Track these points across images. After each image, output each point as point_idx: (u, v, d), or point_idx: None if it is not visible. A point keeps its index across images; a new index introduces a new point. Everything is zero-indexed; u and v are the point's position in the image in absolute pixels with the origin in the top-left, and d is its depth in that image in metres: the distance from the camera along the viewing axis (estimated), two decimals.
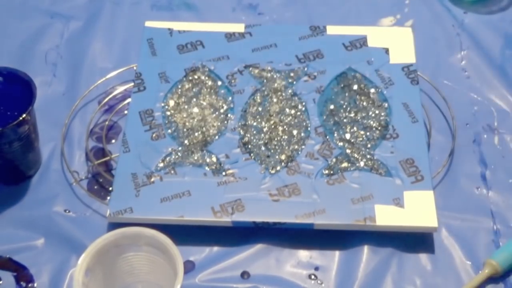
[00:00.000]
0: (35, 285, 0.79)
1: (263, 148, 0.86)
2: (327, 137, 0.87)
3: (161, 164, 0.84)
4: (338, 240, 0.81)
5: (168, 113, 0.89)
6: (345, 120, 0.88)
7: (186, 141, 0.86)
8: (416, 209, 0.80)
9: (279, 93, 0.91)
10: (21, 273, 0.79)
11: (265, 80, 0.92)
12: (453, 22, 1.03)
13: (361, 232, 0.81)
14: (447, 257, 0.80)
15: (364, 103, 0.90)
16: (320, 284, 0.78)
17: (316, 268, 0.80)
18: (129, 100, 0.92)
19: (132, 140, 0.86)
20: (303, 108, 0.89)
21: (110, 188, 0.84)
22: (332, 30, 0.97)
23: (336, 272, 0.79)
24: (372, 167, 0.84)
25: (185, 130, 0.87)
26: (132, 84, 0.93)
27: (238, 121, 0.88)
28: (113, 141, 0.91)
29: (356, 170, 0.84)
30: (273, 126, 0.88)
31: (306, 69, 0.93)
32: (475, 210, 0.84)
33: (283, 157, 0.85)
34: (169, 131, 0.87)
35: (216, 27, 0.98)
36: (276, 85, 0.92)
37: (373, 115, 0.88)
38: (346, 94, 0.91)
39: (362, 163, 0.84)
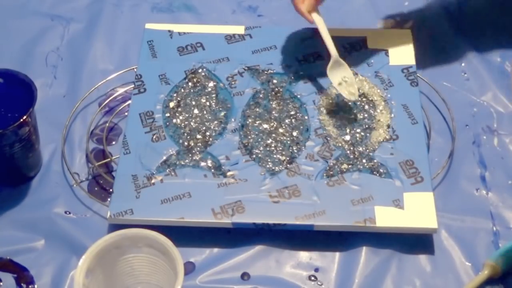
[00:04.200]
0: (36, 286, 0.79)
1: (263, 149, 0.86)
2: (327, 138, 0.87)
3: (162, 166, 0.84)
4: (338, 242, 0.81)
5: (168, 114, 0.89)
6: (345, 122, 0.88)
7: (186, 143, 0.87)
8: (416, 211, 0.80)
9: (279, 95, 0.91)
10: (22, 274, 0.79)
11: (265, 82, 0.93)
12: (452, 24, 1.03)
13: (361, 233, 0.81)
14: (446, 258, 0.80)
15: (364, 105, 0.90)
16: (320, 285, 0.79)
17: (316, 269, 0.80)
18: (129, 102, 0.92)
19: (132, 141, 0.87)
20: (303, 110, 0.90)
21: (111, 190, 0.84)
22: (331, 32, 0.97)
23: (336, 273, 0.79)
24: (372, 168, 0.84)
25: (185, 131, 0.88)
26: (132, 86, 0.93)
27: (238, 123, 0.89)
28: (114, 142, 0.91)
29: (356, 172, 0.84)
30: (273, 128, 0.88)
31: (306, 70, 0.93)
32: (474, 211, 0.84)
33: (283, 158, 0.85)
34: (170, 132, 0.88)
35: (216, 29, 0.98)
36: (276, 86, 0.92)
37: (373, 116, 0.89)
38: None
39: (362, 165, 0.84)
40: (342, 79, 0.88)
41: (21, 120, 0.79)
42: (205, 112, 0.90)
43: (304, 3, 0.88)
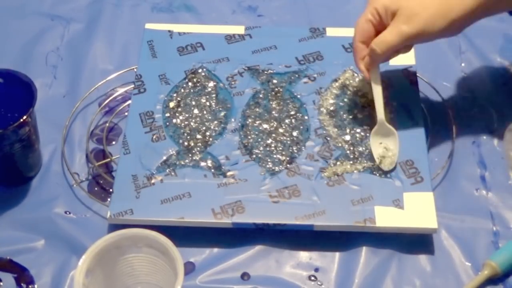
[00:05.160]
0: (36, 286, 0.79)
1: (263, 149, 0.86)
2: (327, 138, 0.87)
3: (162, 166, 0.84)
4: (338, 242, 0.81)
5: (168, 114, 0.89)
6: (345, 122, 0.88)
7: (186, 143, 0.87)
8: (416, 211, 0.80)
9: (279, 95, 0.91)
10: (22, 274, 0.79)
11: (265, 82, 0.93)
12: None
13: (361, 233, 0.81)
14: (446, 258, 0.80)
15: (364, 105, 0.90)
16: (320, 285, 0.79)
17: (316, 269, 0.80)
18: (129, 102, 0.92)
19: (132, 141, 0.87)
20: (303, 110, 0.90)
21: (111, 190, 0.84)
22: (331, 32, 0.98)
23: (336, 273, 0.79)
24: (372, 168, 0.84)
25: (185, 131, 0.88)
26: (132, 86, 0.93)
27: (238, 123, 0.89)
28: (114, 142, 0.91)
29: (355, 172, 0.84)
30: (273, 128, 0.88)
31: (306, 70, 0.93)
32: (474, 211, 0.84)
33: (283, 158, 0.85)
34: (170, 132, 0.88)
35: (216, 29, 0.98)
36: (276, 86, 0.92)
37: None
38: (346, 96, 0.91)
39: (362, 165, 0.84)
40: (384, 148, 0.85)
41: (21, 120, 0.79)
42: (205, 112, 0.90)
43: (363, 60, 0.84)
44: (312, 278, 0.79)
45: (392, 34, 0.80)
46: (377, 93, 0.84)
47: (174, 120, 0.89)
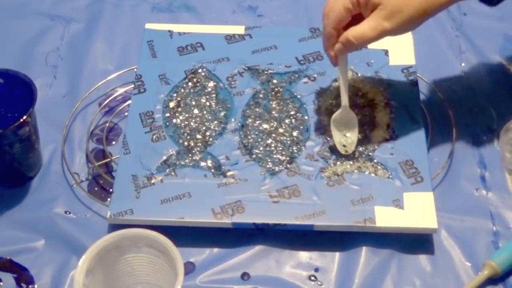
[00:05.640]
0: (36, 286, 0.79)
1: (263, 149, 0.86)
2: (327, 138, 0.87)
3: (162, 166, 0.84)
4: (338, 242, 0.81)
5: (168, 114, 0.89)
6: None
7: (186, 143, 0.87)
8: (416, 211, 0.80)
9: (279, 95, 0.91)
10: (22, 274, 0.79)
11: (265, 82, 0.93)
12: (452, 24, 1.03)
13: (361, 233, 0.81)
14: (446, 258, 0.80)
15: (364, 105, 0.90)
16: (320, 285, 0.79)
17: (316, 269, 0.80)
18: (129, 102, 0.92)
19: (132, 141, 0.87)
20: (303, 110, 0.90)
21: (111, 190, 0.84)
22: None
23: (336, 273, 0.79)
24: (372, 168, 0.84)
25: (185, 131, 0.88)
26: (132, 86, 0.93)
27: (238, 123, 0.89)
28: (114, 142, 0.91)
29: (356, 172, 0.84)
30: (273, 128, 0.88)
31: (306, 70, 0.93)
32: (474, 211, 0.84)
33: (283, 158, 0.85)
34: (170, 132, 0.88)
35: (216, 29, 0.99)
36: (276, 86, 0.92)
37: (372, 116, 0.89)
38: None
39: (362, 165, 0.84)
40: (344, 135, 0.85)
41: (21, 120, 0.79)
42: (205, 112, 0.90)
43: (333, 48, 0.83)
44: (312, 278, 0.79)
45: (371, 29, 0.79)
46: (343, 79, 0.84)
47: (174, 120, 0.89)
